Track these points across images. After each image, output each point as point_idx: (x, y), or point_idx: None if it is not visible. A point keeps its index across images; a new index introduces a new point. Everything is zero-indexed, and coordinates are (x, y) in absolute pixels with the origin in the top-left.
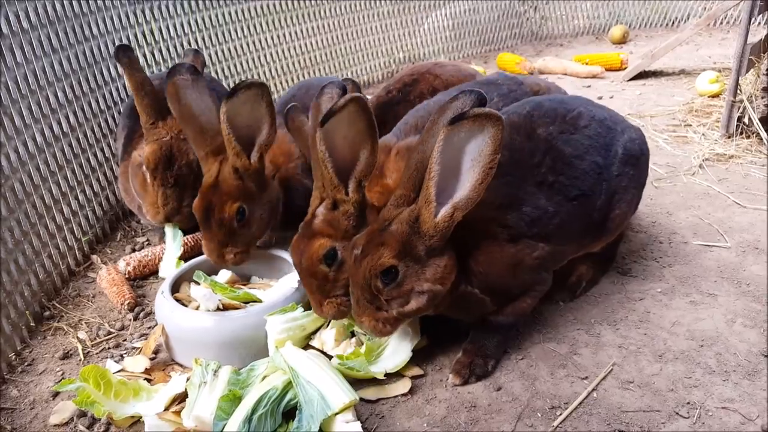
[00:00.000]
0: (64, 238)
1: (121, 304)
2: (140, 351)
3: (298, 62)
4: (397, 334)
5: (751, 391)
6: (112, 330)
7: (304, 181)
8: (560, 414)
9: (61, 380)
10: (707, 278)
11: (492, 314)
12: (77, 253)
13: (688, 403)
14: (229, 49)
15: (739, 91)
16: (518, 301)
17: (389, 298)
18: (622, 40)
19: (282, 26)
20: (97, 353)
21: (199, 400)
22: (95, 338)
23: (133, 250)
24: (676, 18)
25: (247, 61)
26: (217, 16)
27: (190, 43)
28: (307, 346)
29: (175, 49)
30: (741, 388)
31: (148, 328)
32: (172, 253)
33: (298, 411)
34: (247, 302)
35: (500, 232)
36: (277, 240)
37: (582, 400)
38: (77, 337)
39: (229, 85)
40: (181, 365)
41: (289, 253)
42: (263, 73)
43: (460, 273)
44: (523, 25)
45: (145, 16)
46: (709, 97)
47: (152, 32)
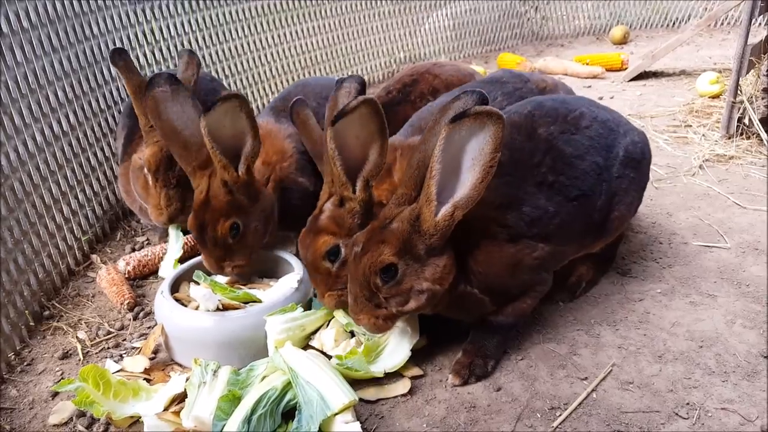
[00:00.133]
0: (64, 237)
1: (121, 304)
2: (140, 351)
3: (298, 62)
4: (397, 333)
5: (751, 392)
6: (111, 330)
7: (300, 180)
8: (560, 414)
9: (60, 380)
10: (707, 279)
11: (492, 314)
12: (77, 253)
13: (688, 403)
14: (229, 49)
15: (739, 92)
16: (518, 301)
17: (388, 296)
18: (623, 41)
19: (282, 26)
20: (97, 353)
21: (198, 401)
22: (95, 338)
23: (133, 250)
24: (677, 18)
25: (247, 61)
26: (216, 16)
27: (189, 43)
28: (306, 347)
29: (175, 48)
30: (740, 389)
31: (148, 328)
32: (172, 254)
33: (297, 411)
34: (247, 302)
35: (500, 231)
36: (277, 239)
37: (581, 401)
38: (77, 336)
39: (230, 85)
40: (180, 365)
41: (296, 246)
42: (263, 73)
43: (459, 273)
44: (523, 25)
45: (145, 16)
46: (710, 97)
47: (152, 31)
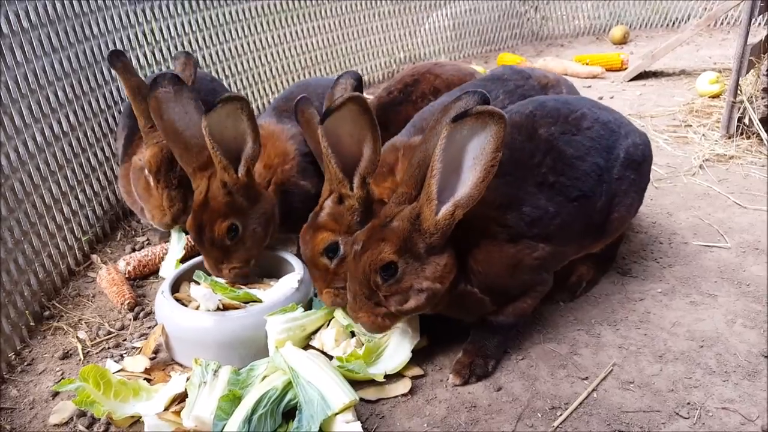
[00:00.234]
0: (64, 237)
1: (121, 304)
2: (140, 351)
3: (299, 62)
4: (397, 334)
5: (751, 392)
6: (111, 330)
7: (301, 183)
8: (560, 414)
9: (60, 380)
10: (707, 279)
11: (492, 314)
12: (77, 253)
13: (689, 403)
14: (229, 49)
15: (739, 92)
16: (518, 301)
17: (388, 295)
18: (623, 41)
19: (282, 26)
20: (97, 353)
21: (199, 400)
22: (95, 338)
23: (133, 250)
24: (677, 18)
25: (248, 61)
26: (217, 16)
27: (189, 43)
28: (307, 347)
29: (175, 48)
30: (741, 389)
31: (148, 327)
32: (174, 255)
33: (298, 411)
34: (247, 302)
35: (500, 231)
36: (278, 240)
37: (582, 401)
38: (77, 336)
39: (230, 85)
40: (181, 365)
41: (297, 246)
42: (263, 73)
43: (459, 272)
44: (523, 25)
45: (145, 16)
46: (710, 97)
47: (152, 32)
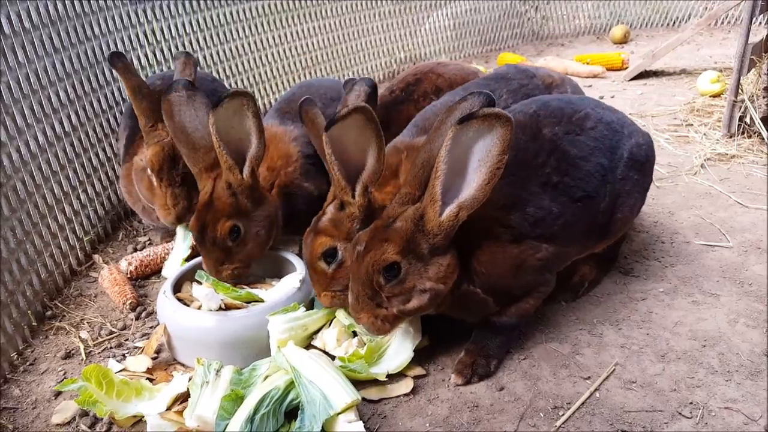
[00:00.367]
0: (66, 237)
1: (123, 304)
2: (142, 351)
3: (299, 62)
4: (399, 333)
5: (754, 392)
6: (114, 329)
7: (304, 185)
8: (563, 414)
9: (63, 380)
10: (709, 278)
11: (495, 315)
12: (79, 253)
13: (691, 403)
14: (230, 49)
15: (740, 91)
16: (521, 301)
17: (390, 295)
18: (623, 40)
19: (283, 26)
20: (99, 353)
21: (201, 400)
22: (97, 338)
23: (135, 250)
24: (677, 18)
25: (248, 61)
26: (218, 16)
27: (191, 43)
28: (309, 346)
29: (176, 48)
30: (744, 389)
31: (150, 327)
32: (178, 254)
33: (300, 411)
34: (249, 302)
35: (503, 232)
36: (280, 240)
37: (584, 400)
38: (79, 336)
39: (231, 85)
40: (183, 365)
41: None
42: (264, 73)
43: (462, 272)
44: (524, 24)
45: (146, 16)
46: (711, 96)
47: (153, 32)
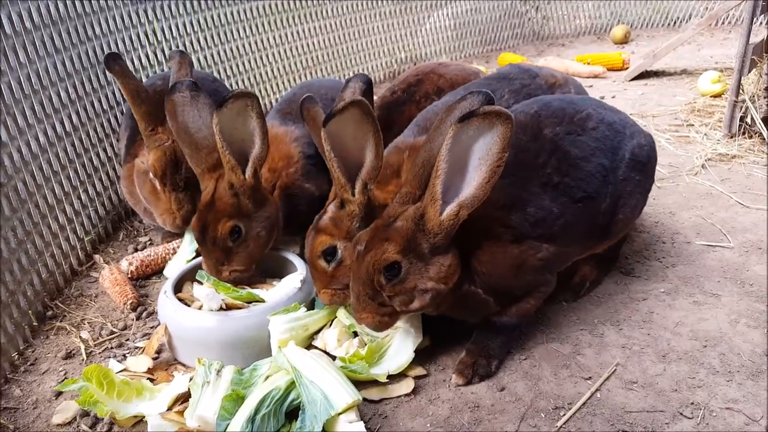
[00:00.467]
0: (67, 237)
1: (124, 304)
2: (143, 351)
3: (300, 62)
4: (400, 334)
5: (755, 392)
6: (114, 330)
7: (306, 186)
8: (564, 414)
9: (63, 380)
10: (710, 278)
11: (496, 315)
12: (80, 253)
13: (692, 403)
14: (231, 49)
15: (741, 91)
16: (522, 302)
17: (391, 295)
18: (624, 40)
19: (283, 26)
20: (100, 353)
21: (202, 400)
22: (98, 338)
23: (136, 250)
24: (678, 18)
25: (249, 61)
26: (219, 16)
27: (191, 43)
28: (309, 346)
29: (178, 48)
30: (745, 389)
31: (151, 327)
32: (183, 256)
33: (301, 411)
34: (250, 302)
35: (504, 232)
36: (282, 241)
37: (585, 401)
38: (80, 336)
39: (231, 86)
40: (183, 365)
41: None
42: (265, 74)
43: (463, 272)
44: (524, 25)
45: (147, 17)
46: (711, 97)
47: (154, 32)
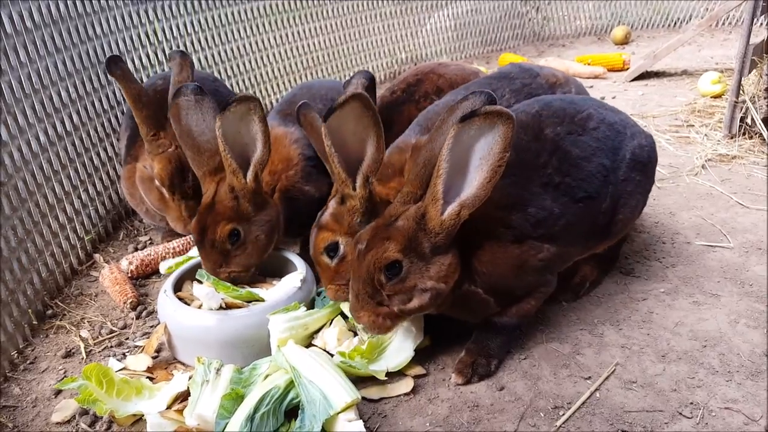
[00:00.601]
0: (67, 236)
1: (124, 303)
2: (142, 349)
3: (301, 63)
4: (401, 332)
5: (755, 392)
6: (114, 328)
7: (306, 188)
8: (563, 414)
9: (63, 378)
10: (710, 279)
11: (496, 315)
12: (80, 252)
13: (692, 403)
14: (232, 49)
15: (741, 92)
16: (522, 302)
17: (391, 294)
18: (624, 41)
19: (284, 26)
20: (100, 352)
21: (201, 399)
22: (97, 337)
23: (136, 249)
24: (678, 19)
25: (250, 62)
26: (219, 17)
27: (192, 43)
28: (309, 345)
29: (179, 48)
30: (744, 389)
31: (151, 326)
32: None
33: (300, 410)
34: (250, 301)
35: (504, 232)
36: (282, 241)
37: (585, 400)
38: (79, 335)
39: (232, 86)
40: (183, 364)
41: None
42: (266, 74)
43: (463, 272)
44: (525, 25)
45: (148, 17)
46: (712, 97)
47: (155, 32)
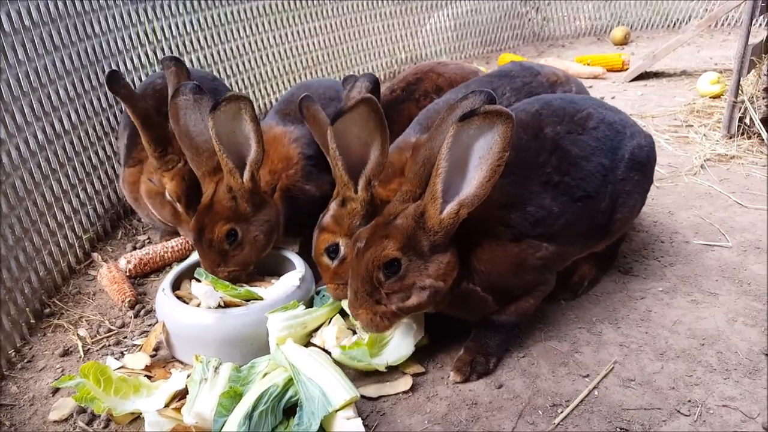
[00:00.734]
0: (65, 235)
1: (122, 302)
2: (140, 348)
3: (300, 62)
4: (402, 328)
5: (752, 390)
6: (112, 327)
7: (306, 188)
8: (561, 412)
9: (60, 377)
10: (708, 277)
11: (494, 313)
12: (78, 251)
13: (689, 401)
14: (231, 49)
15: (740, 92)
16: (521, 300)
17: (390, 292)
18: (624, 41)
19: (284, 26)
20: (98, 350)
21: (199, 397)
22: (95, 335)
23: (134, 248)
24: (678, 19)
25: (249, 61)
26: (218, 16)
27: (191, 42)
28: (308, 344)
29: (177, 48)
30: (742, 387)
31: (149, 325)
32: None
33: (299, 408)
34: (249, 300)
35: (503, 231)
36: (282, 242)
37: (583, 398)
38: (77, 334)
39: (231, 85)
40: (181, 362)
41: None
42: (264, 73)
43: (462, 271)
44: (525, 26)
45: (147, 15)
46: (711, 98)
47: (153, 31)
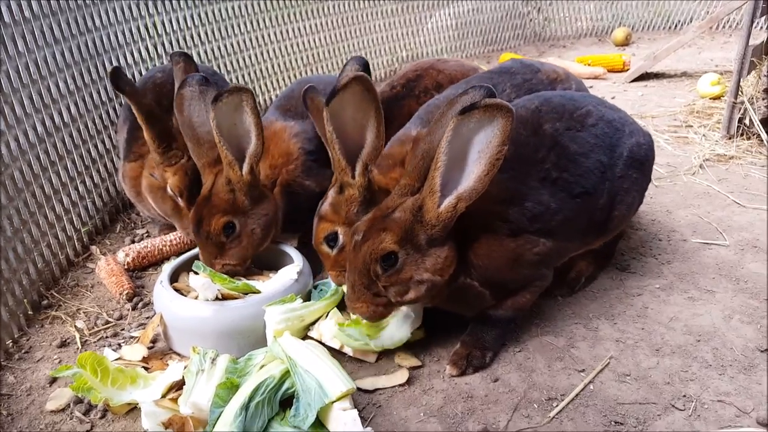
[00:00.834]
0: (64, 228)
1: (120, 294)
2: (138, 340)
3: (301, 59)
4: (400, 315)
5: (747, 385)
6: (110, 319)
7: (306, 183)
8: (557, 405)
9: (58, 367)
10: (705, 275)
11: (491, 308)
12: (76, 244)
13: (684, 396)
14: (232, 44)
15: (740, 93)
16: (518, 295)
17: (387, 285)
18: (625, 42)
19: (285, 22)
20: (95, 342)
21: (196, 388)
22: (93, 327)
23: (133, 242)
24: (679, 21)
25: (250, 57)
26: (220, 11)
27: (192, 38)
28: (305, 337)
29: (177, 42)
30: (737, 382)
31: (147, 318)
32: None
33: (295, 399)
34: (246, 293)
35: (501, 226)
36: (281, 236)
37: (578, 392)
38: (75, 326)
39: (232, 81)
40: (179, 354)
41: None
42: (265, 69)
43: (459, 265)
44: (526, 26)
45: (148, 9)
46: (711, 99)
47: (154, 26)
